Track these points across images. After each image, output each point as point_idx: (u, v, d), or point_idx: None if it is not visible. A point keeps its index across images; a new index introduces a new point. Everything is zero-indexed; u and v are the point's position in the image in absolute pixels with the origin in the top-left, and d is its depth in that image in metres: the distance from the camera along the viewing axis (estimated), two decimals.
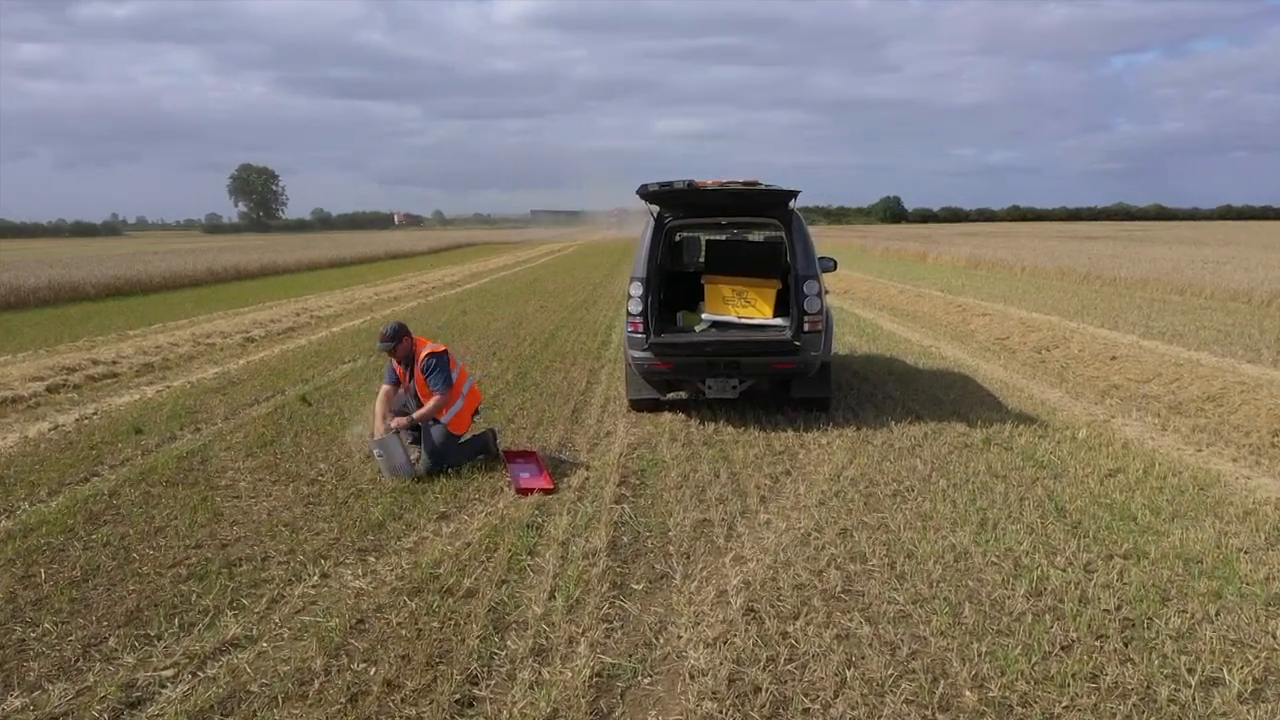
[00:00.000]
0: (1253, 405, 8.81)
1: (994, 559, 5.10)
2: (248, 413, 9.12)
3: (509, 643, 4.20)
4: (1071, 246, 41.03)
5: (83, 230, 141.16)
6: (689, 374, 8.54)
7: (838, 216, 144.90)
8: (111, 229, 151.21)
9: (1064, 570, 4.93)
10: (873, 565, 5.06)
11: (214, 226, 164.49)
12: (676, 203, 8.60)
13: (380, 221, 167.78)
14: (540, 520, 5.87)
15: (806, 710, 3.60)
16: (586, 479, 6.80)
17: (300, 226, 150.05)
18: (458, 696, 3.72)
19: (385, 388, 7.16)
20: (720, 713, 3.58)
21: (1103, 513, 5.87)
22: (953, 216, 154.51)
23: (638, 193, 8.32)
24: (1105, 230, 78.77)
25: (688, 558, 5.26)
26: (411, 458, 6.85)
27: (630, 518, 5.93)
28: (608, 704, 3.70)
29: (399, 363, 7.15)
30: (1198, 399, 9.32)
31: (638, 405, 9.11)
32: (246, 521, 5.88)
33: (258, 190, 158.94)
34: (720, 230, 10.22)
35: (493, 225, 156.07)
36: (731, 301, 9.02)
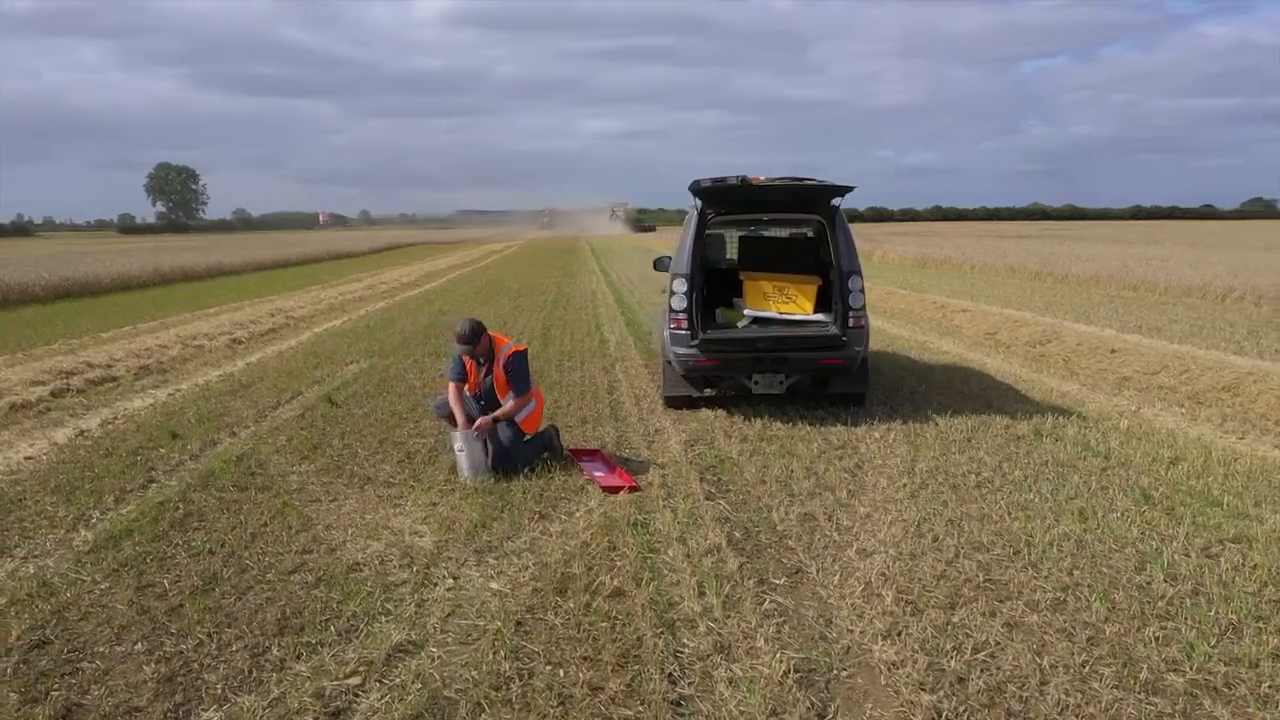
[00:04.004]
0: (1271, 395, 9.14)
1: (1113, 546, 5.21)
2: (276, 415, 8.85)
3: (686, 640, 4.15)
4: (1009, 245, 42.10)
5: None
6: (735, 370, 8.55)
7: None
8: (21, 229, 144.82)
9: (1186, 556, 5.06)
10: (998, 554, 5.13)
11: (128, 227, 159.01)
12: (725, 199, 8.59)
13: (304, 221, 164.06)
14: (643, 518, 5.81)
15: (1024, 699, 3.62)
16: (664, 476, 6.75)
17: (221, 227, 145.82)
18: (671, 697, 3.66)
19: (454, 384, 7.01)
20: (940, 703, 3.59)
21: (1189, 499, 6.04)
22: (878, 216, 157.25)
23: (690, 189, 8.31)
24: (1030, 229, 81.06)
25: (810, 551, 5.26)
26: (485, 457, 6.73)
27: (731, 514, 5.91)
28: (819, 699, 3.68)
29: (473, 360, 7.00)
30: (1213, 389, 9.64)
31: (674, 402, 9.08)
32: (340, 526, 5.71)
33: (176, 190, 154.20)
34: (751, 227, 10.25)
35: (419, 225, 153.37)
36: (772, 297, 9.06)
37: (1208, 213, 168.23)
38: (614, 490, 6.36)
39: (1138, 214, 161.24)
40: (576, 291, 23.38)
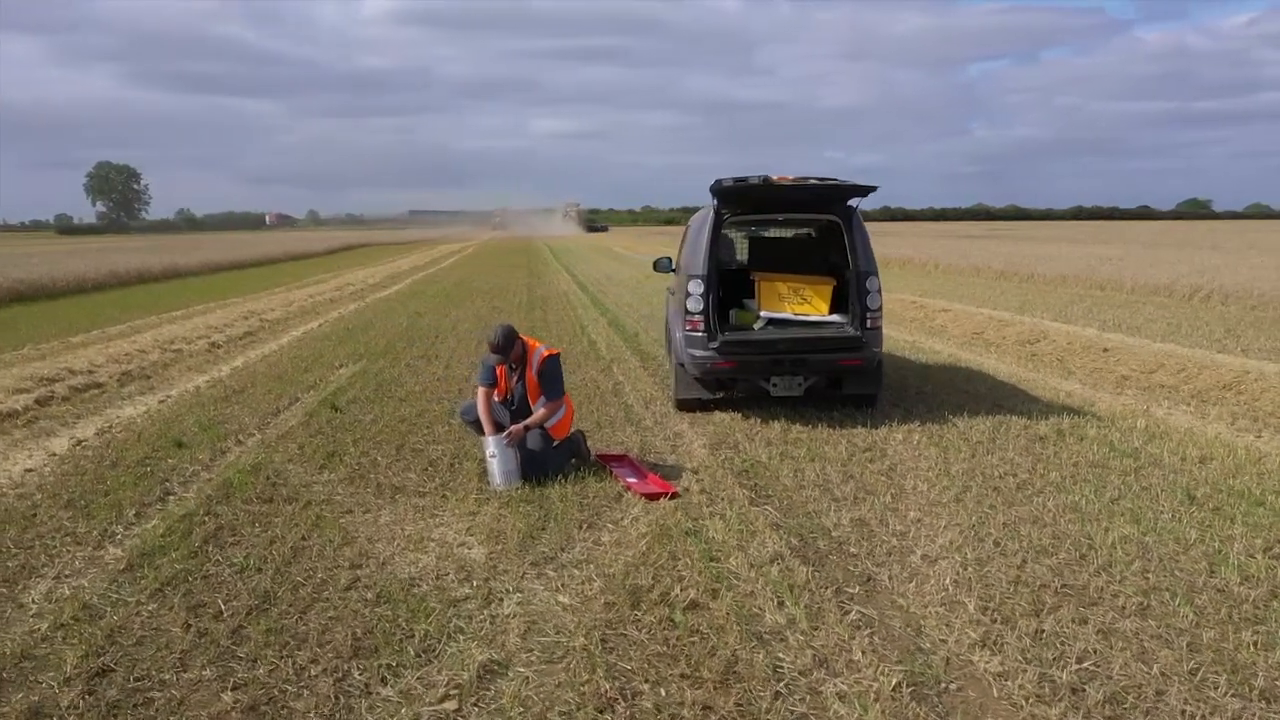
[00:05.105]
0: (1273, 392, 9.26)
1: (1177, 549, 5.19)
2: (279, 422, 8.55)
3: (780, 655, 4.02)
4: (964, 245, 42.76)
5: None
6: (752, 372, 8.44)
7: None
8: None
9: (1252, 557, 5.04)
10: (1065, 559, 5.08)
11: (66, 227, 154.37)
12: (743, 199, 8.48)
13: (251, 222, 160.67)
14: (693, 526, 5.67)
15: (1145, 710, 3.55)
16: (700, 482, 6.62)
17: (165, 227, 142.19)
18: (786, 715, 3.53)
19: (483, 389, 6.81)
20: (1065, 716, 3.50)
21: (1233, 499, 6.06)
22: None
23: (711, 189, 8.19)
24: (977, 229, 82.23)
25: (873, 558, 5.16)
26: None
27: (781, 520, 5.79)
28: (937, 713, 3.57)
29: (505, 366, 6.81)
30: (1215, 388, 9.74)
31: (685, 405, 8.94)
32: (382, 539, 5.48)
33: (118, 189, 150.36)
34: (752, 228, 10.14)
35: (369, 226, 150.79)
36: (787, 298, 8.97)
37: (1146, 213, 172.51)
38: (654, 497, 6.21)
39: (1080, 214, 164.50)
40: (549, 293, 23.14)
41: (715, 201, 8.44)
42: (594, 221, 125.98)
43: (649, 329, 15.10)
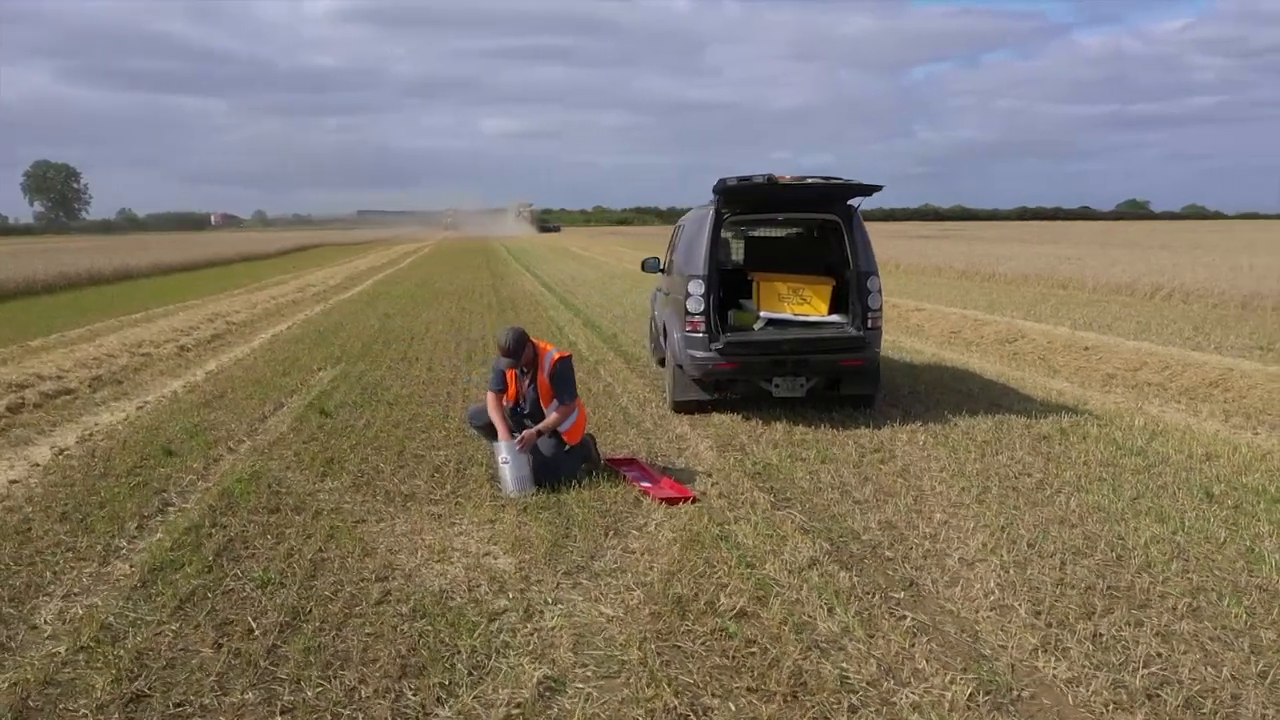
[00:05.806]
0: (1260, 389, 9.40)
1: (1209, 547, 5.19)
2: (268, 428, 8.28)
3: (845, 665, 3.91)
4: (919, 245, 43.27)
5: None
6: (753, 374, 8.36)
7: (669, 217, 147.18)
8: None
9: None
10: (1102, 559, 5.05)
11: (3, 228, 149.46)
12: (745, 199, 8.38)
13: (196, 222, 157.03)
14: (722, 531, 5.56)
15: (1227, 716, 3.50)
16: (716, 485, 6.52)
17: (106, 228, 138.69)
18: None
19: (492, 394, 6.64)
20: None
21: (1250, 496, 6.10)
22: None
23: (715, 189, 8.08)
24: (927, 229, 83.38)
25: (910, 562, 5.08)
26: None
27: (808, 524, 5.70)
28: None
29: (515, 370, 6.63)
30: (1202, 385, 9.86)
31: (683, 407, 8.83)
32: (403, 549, 5.29)
33: (56, 189, 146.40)
34: (742, 228, 10.05)
35: (318, 226, 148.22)
36: (787, 299, 8.89)
37: (1088, 213, 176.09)
38: (674, 502, 6.09)
39: (1024, 215, 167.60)
40: (515, 294, 22.88)
41: (717, 201, 8.33)
42: (547, 222, 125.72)
43: (625, 330, 14.99)
